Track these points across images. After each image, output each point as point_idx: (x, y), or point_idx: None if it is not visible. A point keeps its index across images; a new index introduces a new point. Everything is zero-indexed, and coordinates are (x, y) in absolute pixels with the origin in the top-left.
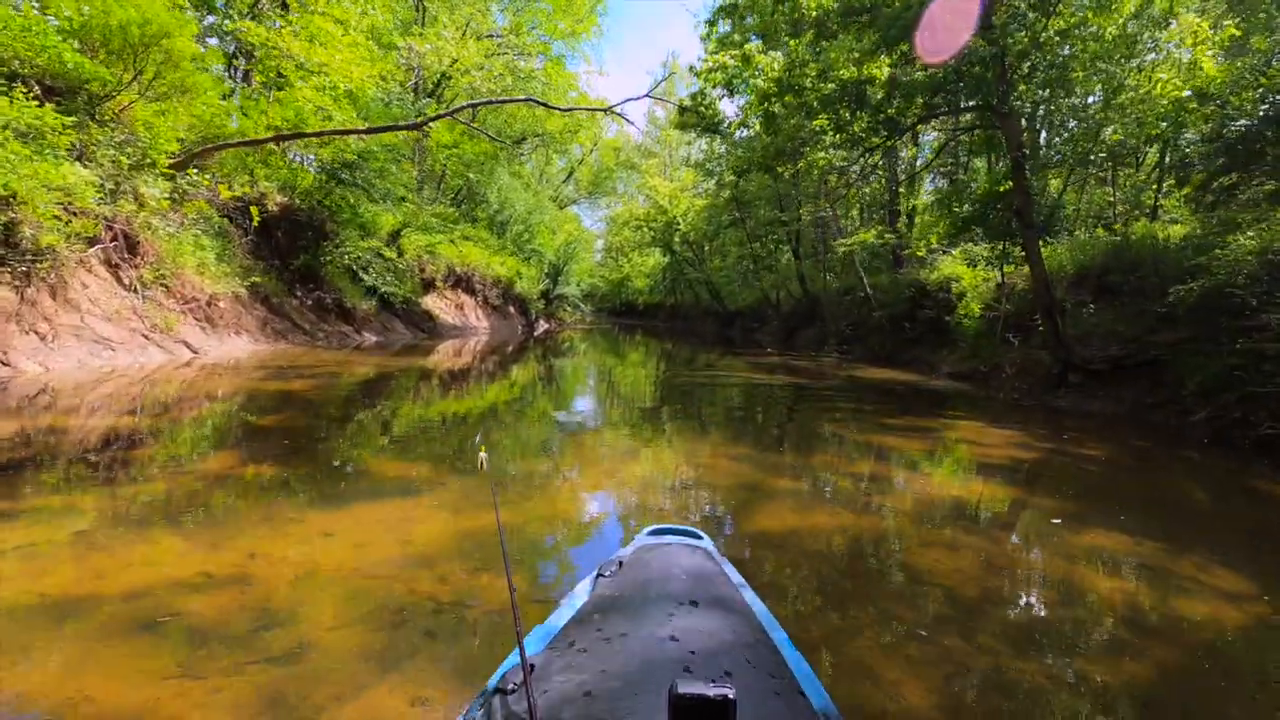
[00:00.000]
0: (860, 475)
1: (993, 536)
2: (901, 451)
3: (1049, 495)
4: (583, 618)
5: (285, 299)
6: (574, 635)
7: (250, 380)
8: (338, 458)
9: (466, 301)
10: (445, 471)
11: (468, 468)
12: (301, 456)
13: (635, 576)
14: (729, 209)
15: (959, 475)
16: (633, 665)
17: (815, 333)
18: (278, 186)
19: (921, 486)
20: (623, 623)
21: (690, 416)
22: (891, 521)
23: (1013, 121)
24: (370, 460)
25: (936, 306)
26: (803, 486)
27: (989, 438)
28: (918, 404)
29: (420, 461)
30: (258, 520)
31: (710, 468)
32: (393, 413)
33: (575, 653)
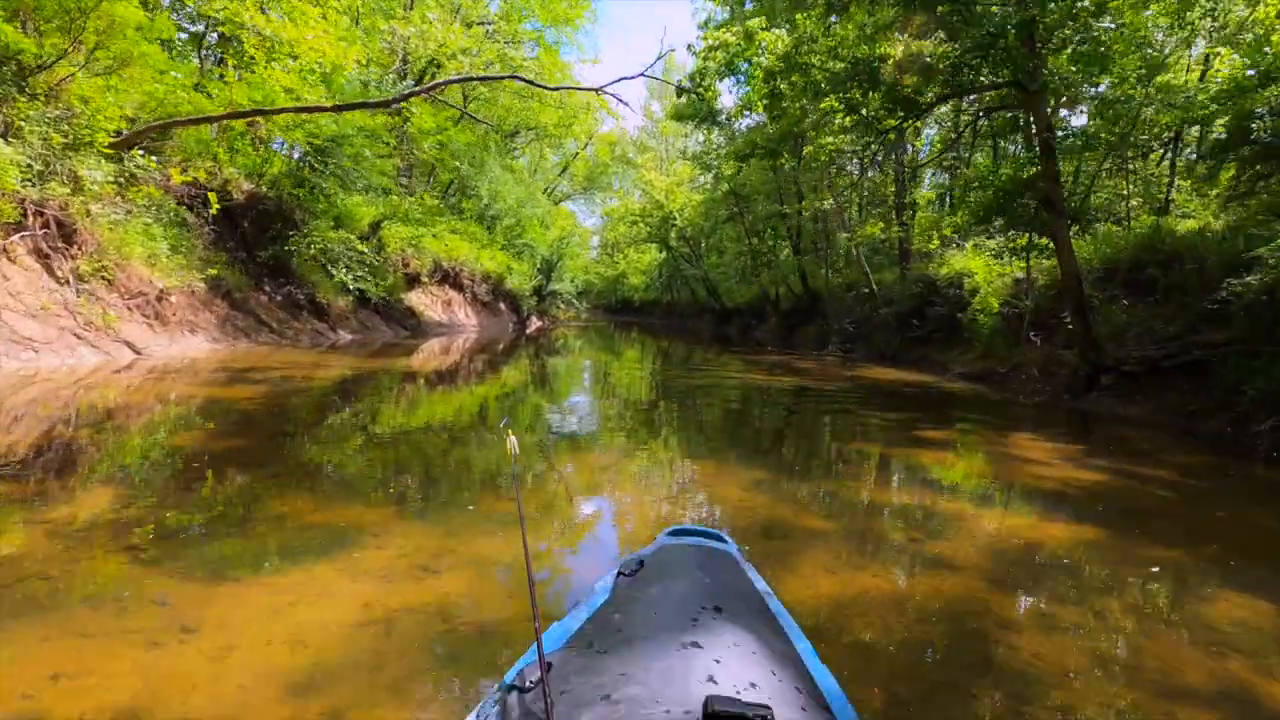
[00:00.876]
0: (900, 511)
1: (1092, 604)
2: (941, 474)
3: (1132, 534)
4: (602, 618)
5: (251, 294)
6: (593, 635)
7: (192, 386)
8: (248, 500)
9: (454, 298)
10: (396, 517)
11: (429, 511)
12: (203, 499)
13: (657, 578)
14: (727, 203)
15: (1018, 507)
16: (654, 671)
17: (816, 330)
18: (245, 173)
19: (978, 526)
20: (644, 625)
21: (689, 429)
22: (956, 584)
23: (1041, 100)
24: (294, 503)
25: (947, 303)
26: (832, 529)
27: (1033, 452)
28: (939, 409)
29: (368, 504)
30: (93, 608)
31: (717, 500)
32: (346, 430)
33: (594, 654)
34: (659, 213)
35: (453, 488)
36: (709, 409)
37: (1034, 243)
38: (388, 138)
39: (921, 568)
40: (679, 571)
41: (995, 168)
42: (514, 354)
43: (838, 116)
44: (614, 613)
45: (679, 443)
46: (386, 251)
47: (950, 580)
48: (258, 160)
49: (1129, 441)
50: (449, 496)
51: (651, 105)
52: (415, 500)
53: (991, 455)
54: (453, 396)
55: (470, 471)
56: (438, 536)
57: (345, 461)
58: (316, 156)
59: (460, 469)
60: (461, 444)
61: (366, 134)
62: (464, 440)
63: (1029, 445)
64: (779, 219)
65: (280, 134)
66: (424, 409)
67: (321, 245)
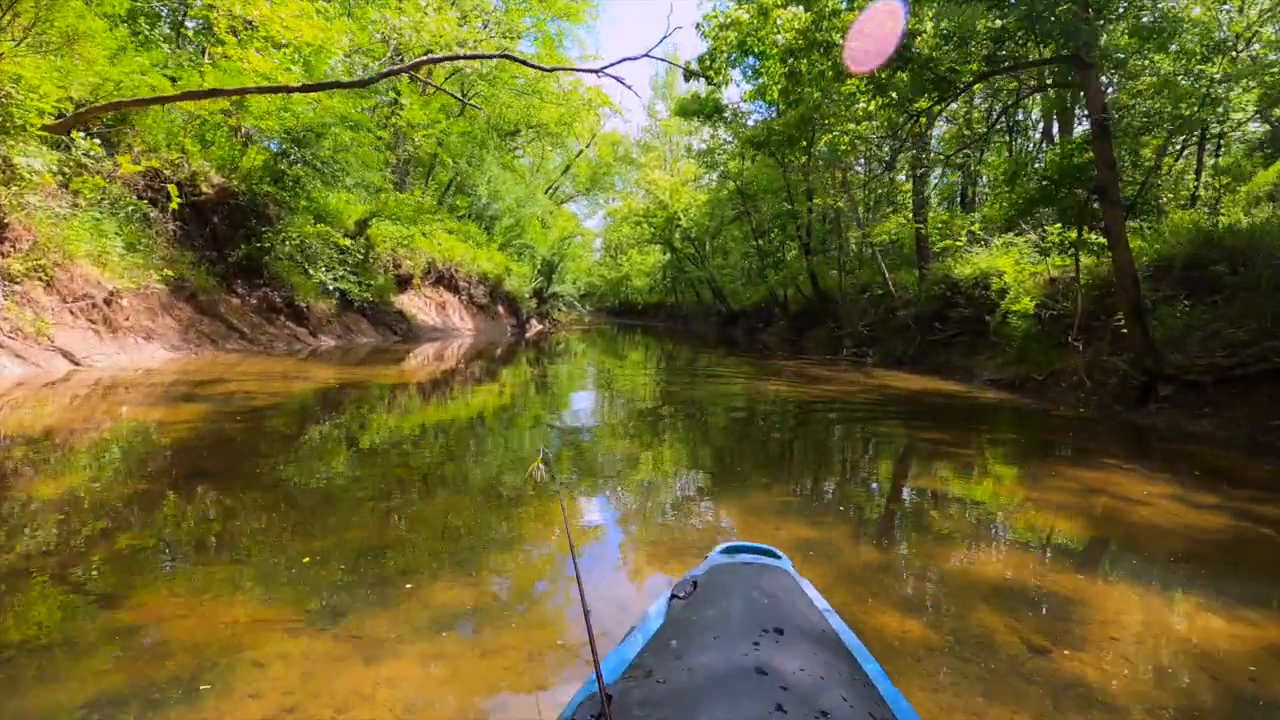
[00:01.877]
0: (1000, 594)
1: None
2: (1029, 525)
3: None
4: (660, 645)
5: (220, 297)
6: (651, 664)
7: (124, 405)
8: (130, 589)
9: (449, 300)
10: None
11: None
12: (51, 593)
13: (713, 599)
14: (733, 202)
15: (1148, 579)
16: (719, 701)
17: (827, 334)
18: (216, 166)
19: (1113, 617)
20: (703, 652)
21: (700, 459)
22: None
23: (1095, 77)
24: (195, 586)
25: (972, 305)
26: (920, 635)
27: (1123, 485)
28: (984, 426)
29: (309, 589)
30: None
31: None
32: (308, 471)
33: (654, 683)
34: (663, 213)
35: (478, 525)
36: (723, 431)
37: (1084, 238)
38: (373, 127)
39: (1059, 704)
40: (735, 592)
41: (1025, 158)
42: (510, 361)
43: (861, 99)
44: (671, 639)
45: (689, 478)
46: (376, 251)
47: (1094, 708)
48: (232, 152)
49: (1226, 470)
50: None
51: (656, 105)
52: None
53: (1078, 492)
54: (445, 413)
55: (495, 506)
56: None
57: (311, 523)
58: (294, 148)
59: (482, 505)
60: (470, 479)
61: (349, 125)
62: (471, 475)
63: (1114, 476)
64: (788, 217)
65: (251, 122)
66: (409, 433)
67: (298, 242)
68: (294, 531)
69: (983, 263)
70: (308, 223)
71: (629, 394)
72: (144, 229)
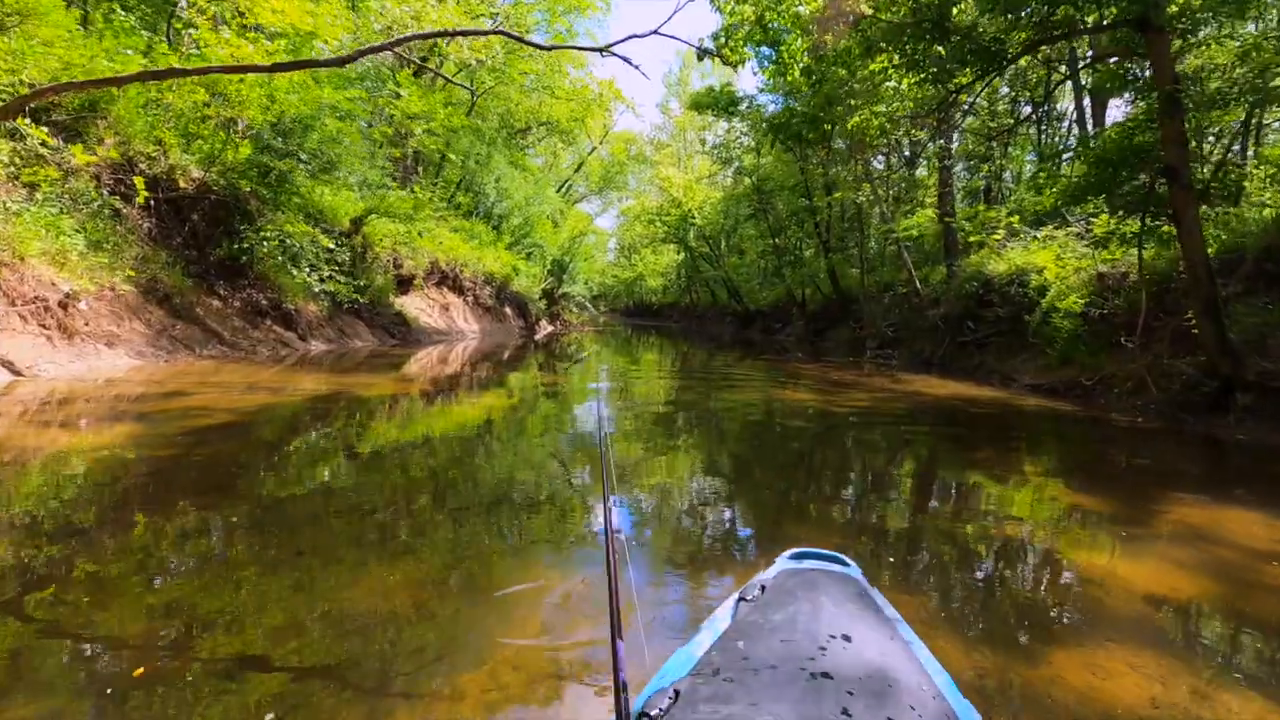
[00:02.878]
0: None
1: None
2: (1140, 585)
3: None
4: (726, 645)
5: (199, 298)
6: (719, 663)
7: (52, 423)
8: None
9: (453, 302)
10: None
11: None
12: None
13: (780, 604)
14: (749, 199)
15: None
16: (784, 702)
17: (847, 334)
18: (199, 160)
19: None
20: (770, 653)
21: (720, 480)
22: None
23: (1165, 42)
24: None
25: (1008, 303)
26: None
27: (1244, 531)
28: (1040, 439)
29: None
30: None
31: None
32: (202, 536)
33: (721, 681)
34: (677, 211)
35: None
36: (745, 451)
37: (1149, 227)
38: (368, 118)
39: None
40: (803, 597)
41: (1081, 138)
42: (516, 365)
43: (892, 77)
44: (738, 640)
45: (715, 515)
46: (375, 250)
47: None
48: (213, 145)
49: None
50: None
51: (670, 103)
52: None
53: (1189, 538)
54: (437, 433)
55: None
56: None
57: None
58: (278, 139)
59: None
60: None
61: (340, 114)
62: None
63: (1223, 514)
64: (806, 213)
65: (232, 112)
66: (389, 468)
67: (277, 240)
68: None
69: (1019, 258)
70: (290, 220)
71: (638, 404)
72: (113, 226)
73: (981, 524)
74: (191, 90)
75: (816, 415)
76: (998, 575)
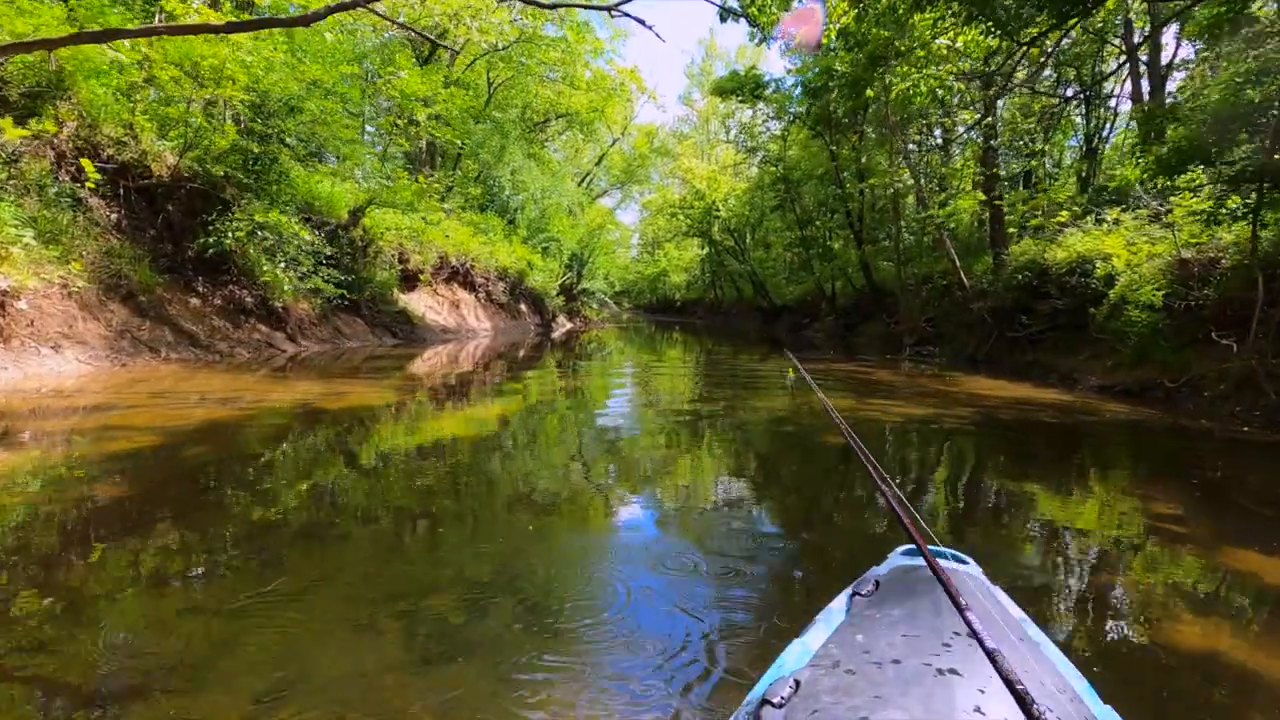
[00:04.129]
0: None
1: None
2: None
3: None
4: (844, 638)
5: (175, 296)
6: (838, 655)
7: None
8: None
9: (463, 298)
10: None
11: None
12: None
13: (898, 598)
14: (775, 189)
15: None
16: (912, 696)
17: (880, 330)
18: (176, 145)
19: None
20: (891, 648)
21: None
22: None
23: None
24: None
25: (1067, 295)
26: None
27: None
28: (1148, 461)
29: None
30: None
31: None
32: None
33: (843, 673)
34: (700, 203)
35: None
36: (783, 480)
37: (1270, 196)
38: (360, 99)
39: None
40: (921, 592)
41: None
42: (529, 367)
43: (948, 31)
44: (856, 633)
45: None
46: (379, 244)
47: None
48: (186, 131)
49: None
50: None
51: (693, 94)
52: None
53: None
54: (421, 473)
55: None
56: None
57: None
58: (259, 121)
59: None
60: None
61: (325, 91)
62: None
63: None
64: (837, 202)
65: (206, 92)
66: (349, 528)
67: (248, 231)
68: None
69: (1081, 245)
70: (263, 210)
71: (655, 413)
72: (74, 217)
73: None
74: (163, 68)
75: (867, 428)
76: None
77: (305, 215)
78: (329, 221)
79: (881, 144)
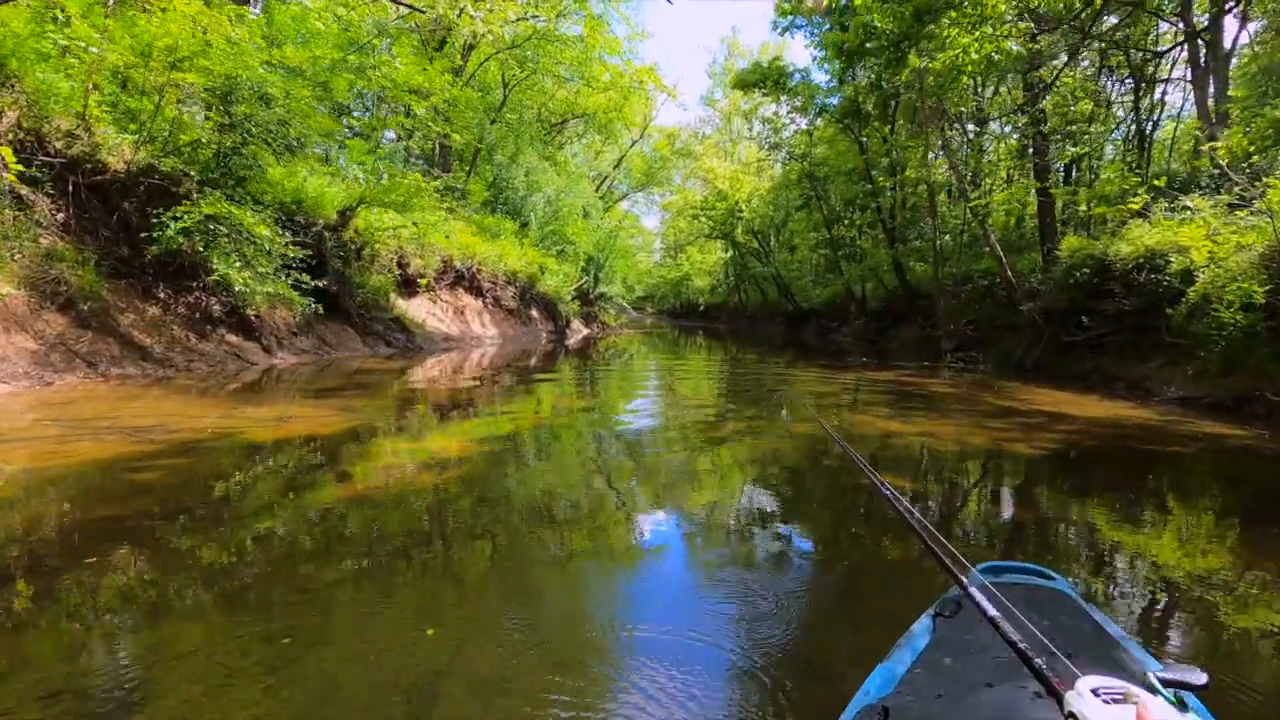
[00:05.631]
0: None
1: None
2: None
3: None
4: (931, 661)
5: (126, 303)
6: (925, 681)
7: None
8: None
9: (468, 304)
10: None
11: None
12: None
13: (982, 619)
14: (800, 187)
15: None
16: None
17: (914, 334)
18: (134, 140)
19: None
20: (982, 671)
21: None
22: None
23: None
24: None
25: (1135, 293)
26: None
27: None
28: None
29: None
30: None
31: None
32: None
33: (933, 699)
34: (723, 204)
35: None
36: (838, 551)
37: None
38: (343, 84)
39: None
40: (1007, 612)
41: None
42: (535, 382)
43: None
44: (944, 656)
45: None
46: (374, 247)
47: None
48: (149, 123)
49: None
50: None
51: (715, 94)
52: None
53: None
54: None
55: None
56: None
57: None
58: (218, 110)
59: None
60: None
61: (301, 77)
62: None
63: None
64: (868, 198)
65: (166, 77)
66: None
67: (194, 222)
68: None
69: (1149, 237)
70: (214, 203)
71: (662, 452)
72: (11, 216)
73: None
74: (109, 52)
75: (926, 463)
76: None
77: (290, 215)
78: (316, 222)
79: (916, 135)
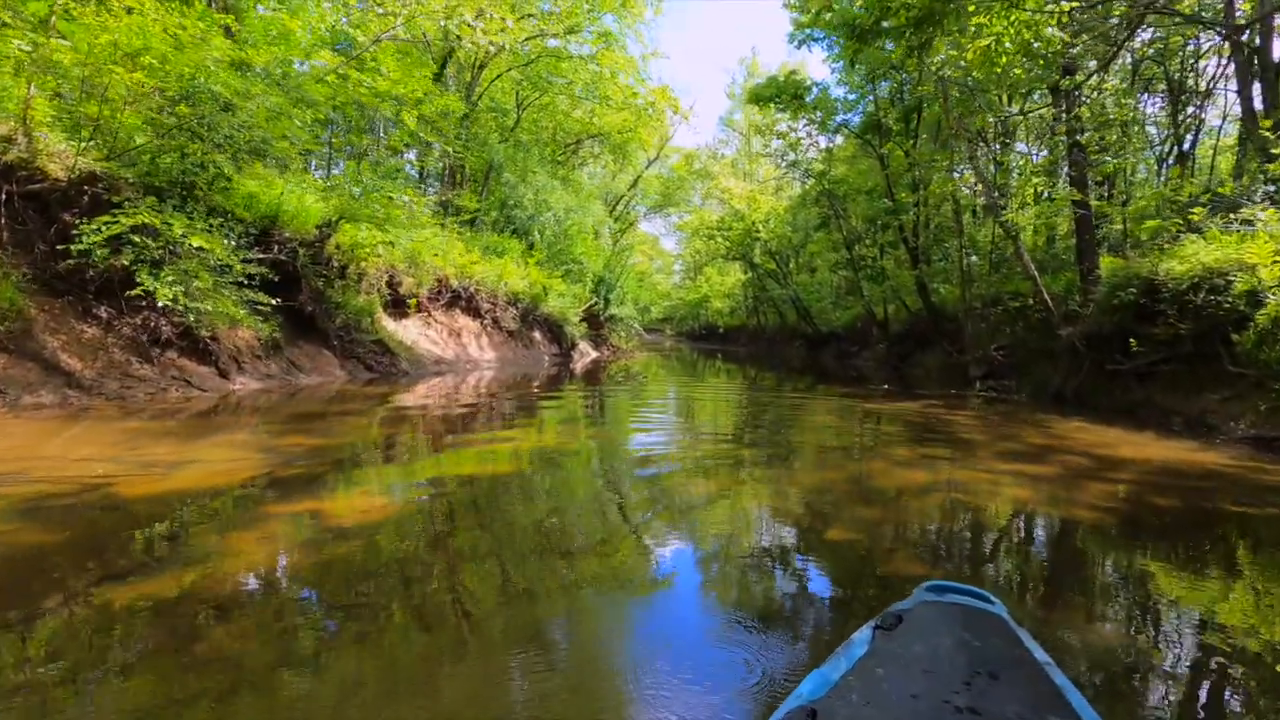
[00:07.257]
0: None
1: None
2: None
3: None
4: (865, 670)
5: (59, 323)
6: (856, 687)
7: None
8: None
9: (464, 326)
10: None
11: None
12: None
13: (920, 635)
14: (819, 205)
15: None
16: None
17: (939, 359)
18: (79, 145)
19: None
20: (911, 683)
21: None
22: None
23: None
24: None
25: (1189, 317)
26: None
27: None
28: None
29: None
30: None
31: None
32: None
33: (860, 705)
34: (740, 224)
35: None
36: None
37: None
38: (324, 93)
39: None
40: (943, 630)
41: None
42: (532, 407)
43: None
44: (877, 666)
45: None
46: (360, 265)
47: None
48: (102, 127)
49: None
50: None
51: (734, 115)
52: None
53: None
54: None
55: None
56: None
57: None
58: (167, 113)
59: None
60: None
61: (249, 73)
62: None
63: None
64: (890, 216)
65: (108, 76)
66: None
67: (119, 231)
68: None
69: (1207, 254)
70: (146, 211)
71: (671, 506)
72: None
73: None
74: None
75: (949, 534)
76: None
77: (264, 230)
78: (291, 238)
79: (940, 149)
